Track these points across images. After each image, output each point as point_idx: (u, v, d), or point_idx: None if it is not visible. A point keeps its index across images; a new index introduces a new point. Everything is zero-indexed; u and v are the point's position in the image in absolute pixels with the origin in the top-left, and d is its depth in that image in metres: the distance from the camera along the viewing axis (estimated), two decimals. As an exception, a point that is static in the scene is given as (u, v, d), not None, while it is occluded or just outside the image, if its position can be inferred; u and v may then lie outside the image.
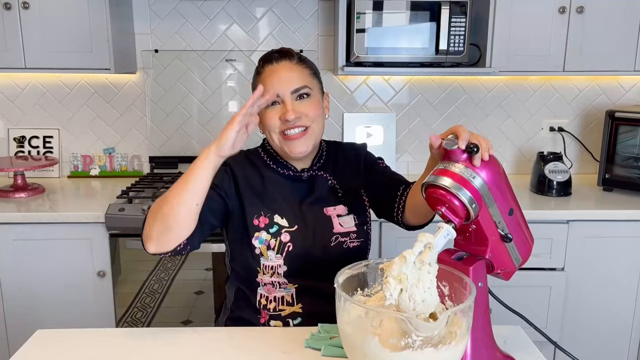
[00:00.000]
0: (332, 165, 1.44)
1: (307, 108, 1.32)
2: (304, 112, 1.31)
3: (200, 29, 2.61)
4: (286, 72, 1.32)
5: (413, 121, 2.71)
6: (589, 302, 2.24)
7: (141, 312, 2.24)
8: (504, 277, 1.08)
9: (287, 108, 1.30)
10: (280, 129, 1.32)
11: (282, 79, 1.31)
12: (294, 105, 1.31)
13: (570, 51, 2.31)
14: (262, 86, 1.21)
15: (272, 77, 1.32)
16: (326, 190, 1.40)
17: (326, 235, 1.35)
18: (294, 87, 1.31)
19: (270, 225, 1.34)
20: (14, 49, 2.26)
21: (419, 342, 0.86)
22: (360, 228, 1.39)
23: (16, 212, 2.12)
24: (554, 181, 2.35)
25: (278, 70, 1.32)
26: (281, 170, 1.40)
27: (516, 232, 1.02)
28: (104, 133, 2.70)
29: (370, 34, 2.28)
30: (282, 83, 1.31)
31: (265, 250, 1.33)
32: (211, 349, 1.18)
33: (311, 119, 1.32)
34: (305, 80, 1.33)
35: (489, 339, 1.04)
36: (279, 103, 1.31)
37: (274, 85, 1.30)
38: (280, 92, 1.30)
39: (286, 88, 1.31)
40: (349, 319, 0.95)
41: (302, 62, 1.36)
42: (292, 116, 1.29)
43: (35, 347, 1.19)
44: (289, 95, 1.31)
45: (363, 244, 1.39)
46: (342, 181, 1.42)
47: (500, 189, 0.98)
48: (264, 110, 1.31)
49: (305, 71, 1.35)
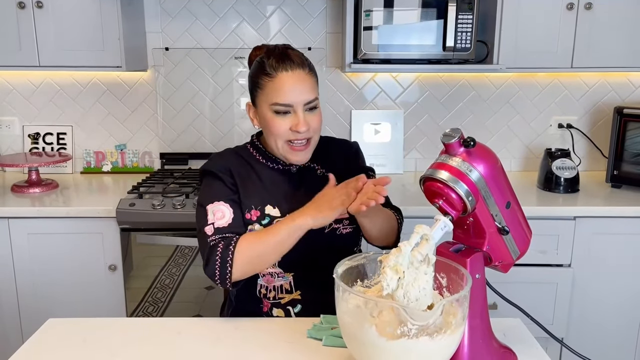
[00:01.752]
0: (323, 156, 1.47)
1: (314, 121, 1.35)
2: (312, 125, 1.34)
3: (210, 27, 2.64)
4: (300, 82, 1.33)
5: (421, 118, 2.73)
6: (596, 299, 2.23)
7: (152, 306, 2.28)
8: (502, 269, 1.09)
9: (300, 120, 1.32)
10: (287, 138, 1.35)
11: (297, 90, 1.32)
12: (306, 117, 1.33)
13: (578, 48, 2.31)
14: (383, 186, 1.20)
15: (287, 85, 1.32)
16: (316, 180, 1.43)
17: None
18: (307, 100, 1.33)
19: (262, 217, 1.37)
20: (28, 47, 2.31)
21: (415, 330, 0.89)
22: (352, 215, 1.40)
23: (31, 207, 2.17)
24: (561, 178, 2.35)
25: (293, 79, 1.32)
26: (270, 165, 1.43)
27: (514, 225, 1.04)
28: (116, 130, 2.74)
29: (377, 32, 2.29)
30: (297, 94, 1.32)
31: None
32: (217, 338, 1.21)
33: (315, 130, 1.36)
34: (315, 91, 1.36)
35: (487, 330, 1.06)
36: (289, 113, 1.33)
37: (288, 96, 1.31)
38: (294, 103, 1.32)
39: (300, 99, 1.32)
40: (348, 309, 0.97)
41: (311, 70, 1.37)
42: (304, 128, 1.32)
43: (46, 335, 1.23)
44: (302, 107, 1.33)
45: (355, 230, 1.42)
46: (333, 169, 1.44)
47: (497, 182, 1.00)
48: (271, 115, 1.33)
49: (314, 80, 1.37)
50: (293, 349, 1.16)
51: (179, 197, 2.18)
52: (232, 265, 1.24)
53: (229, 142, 2.73)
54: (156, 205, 2.13)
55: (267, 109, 1.34)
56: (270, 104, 1.33)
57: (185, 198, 2.19)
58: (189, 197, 2.21)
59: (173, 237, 2.20)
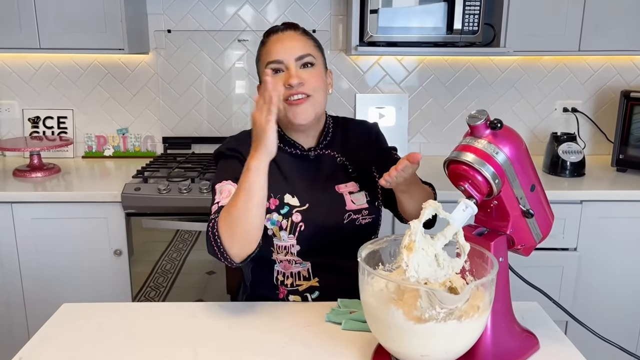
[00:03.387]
0: (341, 142, 1.44)
1: (310, 76, 1.32)
2: (307, 80, 1.31)
3: (212, 9, 2.60)
4: (291, 40, 1.33)
5: (425, 102, 2.71)
6: (601, 283, 2.24)
7: (154, 291, 2.27)
8: (524, 252, 1.09)
9: (291, 73, 1.30)
10: (284, 96, 1.31)
11: (287, 47, 1.31)
12: (298, 72, 1.31)
13: (586, 31, 2.29)
14: (268, 78, 1.14)
15: (277, 44, 1.32)
16: (335, 168, 1.41)
17: (339, 213, 1.36)
18: (298, 54, 1.31)
19: (280, 206, 1.34)
20: (28, 29, 2.26)
21: (443, 314, 0.88)
22: (371, 205, 1.39)
23: (33, 192, 2.14)
24: (567, 162, 2.35)
25: (283, 38, 1.33)
26: (288, 149, 1.40)
27: (537, 208, 1.03)
28: (118, 114, 2.71)
29: (384, 14, 2.26)
30: (287, 49, 1.31)
31: (278, 231, 1.33)
32: (233, 322, 1.20)
33: (313, 88, 1.32)
34: (310, 49, 1.34)
35: (509, 314, 1.05)
36: (282, 71, 1.31)
37: (279, 52, 1.30)
38: (285, 59, 1.30)
39: (290, 54, 1.31)
40: (373, 292, 0.97)
41: (306, 34, 1.37)
42: (296, 81, 1.29)
43: (61, 319, 1.21)
44: (293, 62, 1.31)
45: (374, 220, 1.40)
46: (352, 157, 1.42)
47: (522, 164, 0.99)
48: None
49: (310, 42, 1.35)
50: (312, 332, 1.15)
51: (185, 182, 2.16)
52: (221, 237, 1.16)
53: (232, 126, 2.70)
54: (162, 190, 2.11)
55: (266, 75, 1.32)
56: (265, 67, 1.32)
57: (191, 182, 2.17)
58: (194, 181, 2.19)
59: (178, 222, 2.19)
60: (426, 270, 0.93)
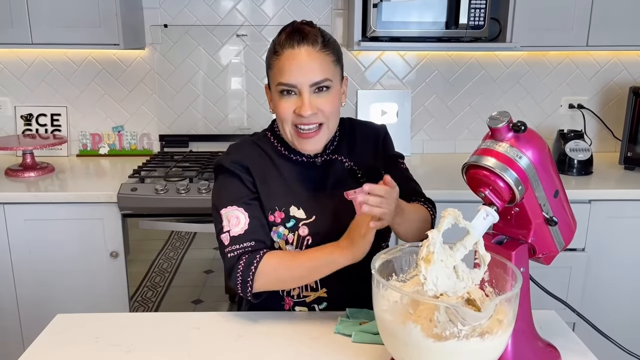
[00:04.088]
0: (348, 145, 1.37)
1: (324, 103, 1.22)
2: (320, 108, 1.21)
3: (210, 3, 2.53)
4: (307, 60, 1.19)
5: (428, 98, 2.65)
6: (610, 284, 2.20)
7: (151, 291, 2.22)
8: (545, 261, 1.03)
9: (304, 102, 1.19)
10: (293, 122, 1.23)
11: (302, 68, 1.19)
12: (311, 99, 1.20)
13: (594, 25, 2.24)
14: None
15: (292, 64, 1.19)
16: (344, 173, 1.34)
17: (347, 221, 1.26)
18: (313, 81, 1.19)
19: (286, 220, 1.27)
20: (20, 24, 2.19)
21: (465, 331, 0.82)
22: None
23: (26, 192, 2.08)
24: (574, 160, 2.30)
25: (299, 56, 1.19)
26: (293, 157, 1.32)
27: (561, 215, 0.98)
28: (113, 111, 2.64)
29: (387, 8, 2.20)
30: (302, 73, 1.19)
31: (284, 245, 1.27)
32: (237, 333, 1.14)
33: (327, 115, 1.23)
34: (327, 71, 1.21)
35: (530, 328, 1.00)
36: (295, 93, 1.21)
37: (292, 75, 1.19)
38: (298, 83, 1.19)
39: (305, 79, 1.19)
40: (388, 306, 0.91)
41: (325, 47, 1.22)
42: (308, 112, 1.19)
43: (56, 331, 1.15)
44: (307, 88, 1.19)
45: (385, 228, 1.33)
46: (360, 161, 1.35)
47: (546, 169, 0.93)
48: (278, 97, 1.23)
49: (328, 59, 1.22)
50: (320, 345, 1.09)
51: (183, 182, 2.10)
52: (253, 285, 1.17)
53: (230, 124, 2.64)
54: (159, 190, 2.05)
55: (275, 91, 1.23)
56: (276, 85, 1.22)
57: (189, 182, 2.11)
58: (193, 181, 2.13)
59: (176, 223, 2.13)
60: (445, 283, 0.88)
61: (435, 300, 0.85)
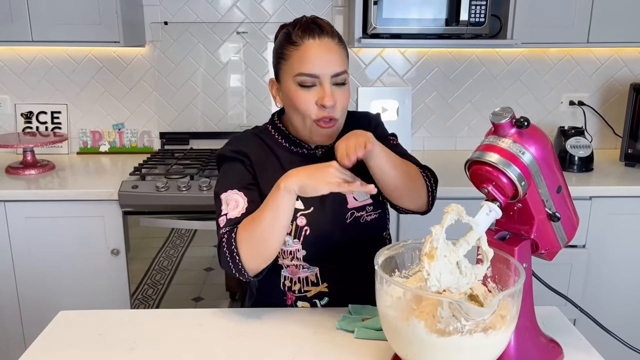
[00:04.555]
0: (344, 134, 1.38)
1: (341, 97, 1.22)
2: (339, 101, 1.22)
3: (210, 1, 2.53)
4: (328, 52, 1.19)
5: (429, 95, 2.65)
6: (610, 280, 2.20)
7: (152, 289, 2.22)
8: (547, 257, 1.04)
9: (326, 93, 1.19)
10: (316, 116, 1.21)
11: (324, 59, 1.19)
12: (333, 91, 1.21)
13: (595, 22, 2.24)
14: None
15: (313, 53, 1.18)
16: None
17: (341, 213, 1.29)
18: (335, 71, 1.20)
19: None
20: (20, 21, 2.19)
21: (469, 327, 0.82)
22: (375, 199, 1.32)
23: (27, 190, 2.07)
24: (575, 156, 2.30)
25: (320, 47, 1.19)
26: (294, 149, 1.32)
27: (563, 211, 0.98)
28: (113, 108, 2.64)
29: (387, 5, 2.19)
30: (324, 64, 1.19)
31: None
32: (240, 330, 1.14)
33: (342, 110, 1.24)
34: (344, 64, 1.22)
35: (533, 324, 1.00)
36: (314, 85, 1.21)
37: (316, 65, 1.18)
38: (321, 74, 1.18)
39: (328, 70, 1.19)
40: (392, 302, 0.91)
41: (341, 41, 1.23)
42: (331, 102, 1.19)
43: (58, 329, 1.15)
44: (329, 79, 1.19)
45: (381, 215, 1.33)
46: None
47: (549, 165, 0.93)
48: (295, 88, 1.21)
49: (343, 52, 1.23)
50: (323, 341, 1.09)
51: (184, 179, 2.10)
52: (240, 256, 1.13)
53: (231, 121, 2.64)
54: (160, 188, 2.05)
55: (291, 82, 1.21)
56: (295, 75, 1.20)
57: (190, 179, 2.11)
58: (194, 178, 2.13)
59: (177, 220, 2.13)
60: (448, 278, 0.88)
61: (438, 295, 0.85)
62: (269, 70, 2.58)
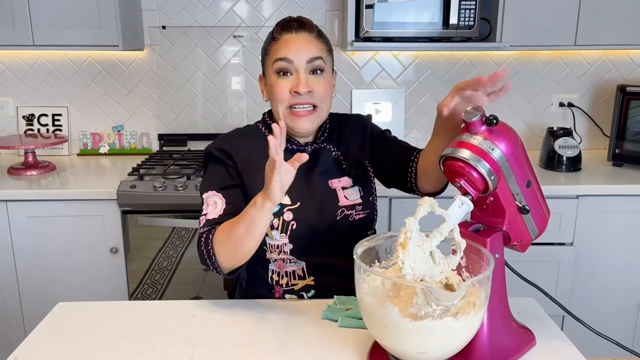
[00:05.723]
0: (337, 136, 1.42)
1: (318, 85, 1.28)
2: (315, 89, 1.27)
3: (207, 5, 2.59)
4: (305, 42, 1.28)
5: (422, 97, 2.70)
6: (598, 277, 2.25)
7: (151, 288, 2.27)
8: (520, 248, 1.08)
9: (300, 80, 1.26)
10: (289, 103, 1.28)
11: (300, 47, 1.27)
12: (308, 78, 1.27)
13: (582, 25, 2.29)
14: (279, 126, 1.08)
15: (289, 45, 1.28)
16: (330, 162, 1.39)
17: (332, 209, 1.34)
18: (310, 56, 1.27)
19: None
20: (22, 26, 2.25)
21: (439, 311, 0.88)
22: (365, 200, 1.38)
23: (28, 190, 2.13)
24: (563, 156, 2.35)
25: (296, 40, 1.28)
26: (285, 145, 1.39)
27: (533, 204, 1.03)
28: (113, 111, 2.70)
29: (379, 9, 2.25)
30: (299, 51, 1.27)
31: (270, 230, 1.32)
32: (230, 320, 1.20)
33: (321, 97, 1.29)
34: (321, 52, 1.30)
35: (505, 310, 1.05)
36: (290, 73, 1.28)
37: (291, 51, 1.27)
38: (295, 59, 1.26)
39: (302, 56, 1.27)
40: (369, 289, 0.96)
41: (320, 36, 1.32)
42: (304, 89, 1.25)
43: (57, 319, 1.21)
44: (303, 66, 1.27)
45: (369, 215, 1.38)
46: (347, 152, 1.41)
47: (518, 161, 0.99)
48: (274, 78, 1.28)
49: (323, 46, 1.31)
50: (308, 330, 1.15)
51: (180, 179, 2.15)
52: (216, 256, 1.20)
53: (228, 123, 2.70)
54: (157, 187, 2.10)
55: (272, 73, 1.29)
56: (273, 63, 1.28)
57: (187, 179, 2.16)
58: (190, 178, 2.18)
59: (174, 219, 2.18)
60: (422, 267, 0.93)
61: (411, 281, 0.91)
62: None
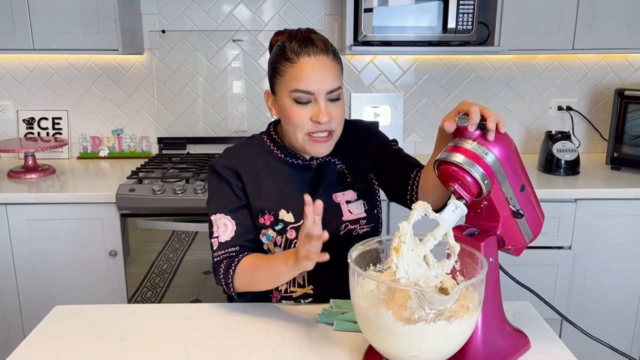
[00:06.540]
0: (342, 147, 1.40)
1: (337, 111, 1.26)
2: (334, 116, 1.25)
3: (207, 9, 2.60)
4: (323, 69, 1.23)
5: (421, 101, 2.71)
6: (596, 281, 2.25)
7: (151, 291, 2.27)
8: (515, 252, 1.09)
9: (321, 110, 1.23)
10: (309, 130, 1.25)
11: (320, 77, 1.23)
12: (328, 107, 1.24)
13: (579, 29, 2.30)
14: (311, 208, 1.07)
15: (309, 71, 1.22)
16: (335, 175, 1.37)
17: (335, 224, 1.33)
18: (329, 88, 1.23)
19: (275, 223, 1.31)
20: (22, 30, 2.26)
21: (432, 315, 0.88)
22: (370, 213, 1.37)
23: (28, 193, 2.14)
24: (562, 160, 2.35)
25: (315, 65, 1.23)
26: (289, 160, 1.36)
27: (527, 208, 1.03)
28: (112, 114, 2.71)
29: (378, 13, 2.26)
30: (319, 81, 1.22)
31: (273, 247, 1.33)
32: (226, 323, 1.20)
33: (338, 123, 1.28)
34: (339, 80, 1.27)
35: (500, 314, 1.06)
36: (309, 102, 1.24)
37: (310, 82, 1.22)
38: (316, 91, 1.22)
39: (323, 87, 1.23)
40: (363, 293, 0.97)
41: (335, 57, 1.27)
42: (326, 119, 1.23)
43: (54, 322, 1.21)
44: (324, 96, 1.23)
45: (373, 228, 1.37)
46: (352, 164, 1.39)
47: (512, 165, 0.99)
48: (290, 104, 1.25)
49: (338, 68, 1.27)
50: (304, 333, 1.15)
51: (179, 182, 2.16)
52: (234, 287, 1.26)
53: (227, 126, 2.70)
54: (156, 191, 2.11)
55: (287, 97, 1.24)
56: (290, 91, 1.23)
57: (186, 183, 2.17)
58: (189, 182, 2.19)
59: (173, 223, 2.19)
60: (416, 271, 0.94)
61: (405, 285, 0.91)
62: (265, 77, 2.64)
